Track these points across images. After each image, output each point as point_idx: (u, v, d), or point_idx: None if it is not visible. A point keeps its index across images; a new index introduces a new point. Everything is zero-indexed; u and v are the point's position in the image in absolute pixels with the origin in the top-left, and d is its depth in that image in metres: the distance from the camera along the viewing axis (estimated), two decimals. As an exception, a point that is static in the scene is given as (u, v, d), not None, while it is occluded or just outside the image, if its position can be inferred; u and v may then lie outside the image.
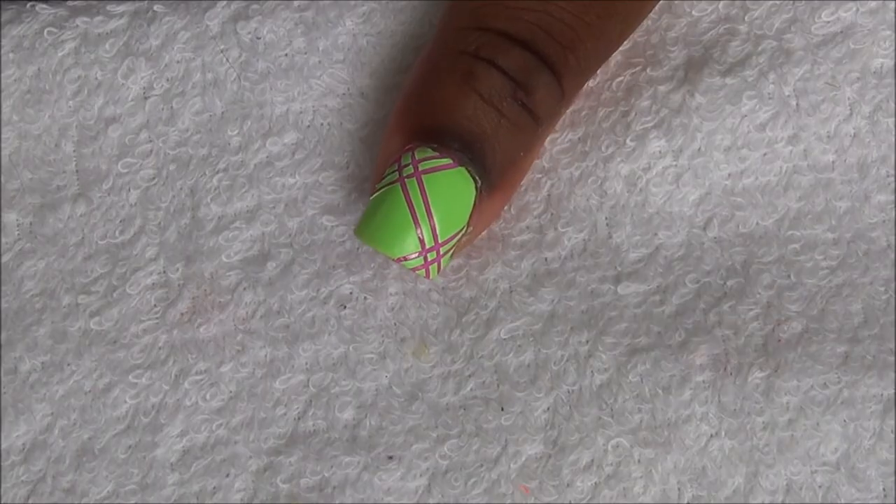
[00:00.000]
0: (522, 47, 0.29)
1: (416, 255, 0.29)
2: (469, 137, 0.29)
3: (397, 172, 0.29)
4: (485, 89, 0.29)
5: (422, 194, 0.29)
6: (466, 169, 0.29)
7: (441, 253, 0.29)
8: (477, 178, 0.29)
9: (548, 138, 0.33)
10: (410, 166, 0.29)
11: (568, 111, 0.33)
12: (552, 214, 0.33)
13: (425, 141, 0.29)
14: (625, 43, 0.34)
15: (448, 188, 0.29)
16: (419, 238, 0.29)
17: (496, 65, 0.29)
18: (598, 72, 0.33)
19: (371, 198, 0.30)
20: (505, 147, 0.30)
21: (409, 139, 0.30)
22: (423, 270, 0.30)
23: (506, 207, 0.33)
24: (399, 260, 0.29)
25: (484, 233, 0.33)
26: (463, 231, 0.30)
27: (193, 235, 0.33)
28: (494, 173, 0.30)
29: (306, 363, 0.32)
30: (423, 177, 0.29)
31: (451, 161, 0.29)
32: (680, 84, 0.33)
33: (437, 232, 0.29)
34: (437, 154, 0.29)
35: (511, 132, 0.30)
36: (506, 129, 0.30)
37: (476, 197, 0.29)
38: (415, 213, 0.29)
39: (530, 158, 0.32)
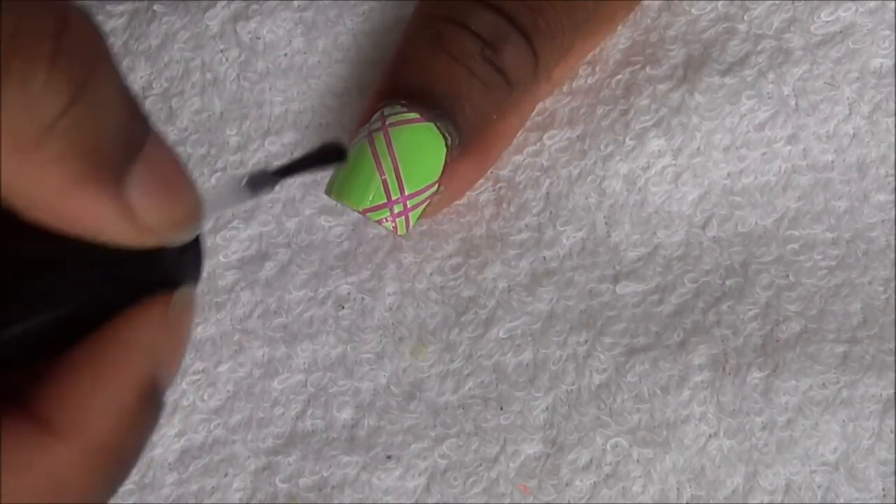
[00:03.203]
0: (491, 11, 0.30)
1: (383, 206, 0.29)
2: (438, 95, 0.30)
3: (367, 129, 0.30)
4: (454, 49, 0.30)
5: (387, 145, 0.29)
6: (436, 125, 0.29)
7: (408, 206, 0.30)
8: (447, 134, 0.30)
9: (546, 135, 0.33)
10: (378, 122, 0.30)
11: (566, 109, 0.33)
12: (551, 213, 0.33)
13: (396, 99, 0.30)
14: (624, 41, 0.34)
15: (415, 141, 0.29)
16: (384, 187, 0.29)
17: (466, 26, 0.30)
18: (597, 69, 0.33)
19: None
20: (477, 106, 0.30)
21: (382, 99, 0.30)
22: (391, 223, 0.30)
23: (504, 206, 0.33)
24: (365, 212, 0.29)
25: (483, 231, 0.33)
26: (434, 189, 0.30)
27: (192, 235, 0.33)
28: (466, 132, 0.30)
29: (304, 363, 0.32)
30: (389, 130, 0.29)
31: (418, 116, 0.29)
32: (679, 83, 0.33)
33: (404, 182, 0.29)
34: (405, 109, 0.29)
35: (482, 92, 0.30)
36: (477, 89, 0.30)
37: (447, 154, 0.30)
38: (380, 162, 0.29)
39: (507, 124, 0.32)
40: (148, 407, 0.21)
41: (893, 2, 0.33)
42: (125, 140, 0.20)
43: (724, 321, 0.32)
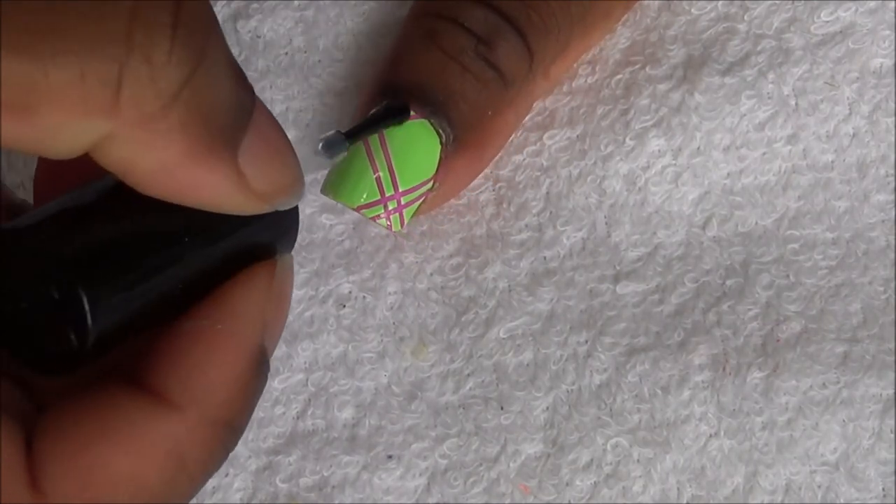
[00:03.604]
0: (484, 6, 0.30)
1: (377, 203, 0.29)
2: (432, 91, 0.30)
3: None
4: (447, 45, 0.30)
5: (381, 142, 0.29)
6: (430, 121, 0.29)
7: (402, 203, 0.30)
8: (441, 131, 0.30)
9: (546, 134, 0.33)
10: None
11: (566, 108, 0.33)
12: (551, 213, 0.33)
13: (391, 97, 0.30)
14: (623, 41, 0.34)
15: (409, 137, 0.29)
16: (378, 184, 0.29)
17: (458, 22, 0.30)
18: (597, 69, 0.34)
19: None
20: (471, 102, 0.30)
21: (377, 98, 0.30)
22: (385, 220, 0.30)
23: (504, 205, 0.33)
24: (360, 209, 0.29)
25: (483, 231, 0.33)
26: (429, 186, 0.30)
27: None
28: (461, 128, 0.30)
29: (305, 362, 0.32)
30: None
31: (412, 113, 0.29)
32: (679, 83, 0.33)
33: (398, 179, 0.29)
34: None
35: (476, 87, 0.30)
36: (471, 85, 0.30)
37: (441, 151, 0.30)
38: (373, 159, 0.29)
39: (504, 120, 0.32)
40: (258, 375, 0.21)
41: (893, 2, 0.33)
42: (238, 108, 0.20)
43: (724, 321, 0.32)
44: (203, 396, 0.20)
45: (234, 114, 0.20)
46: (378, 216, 0.29)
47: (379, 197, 0.29)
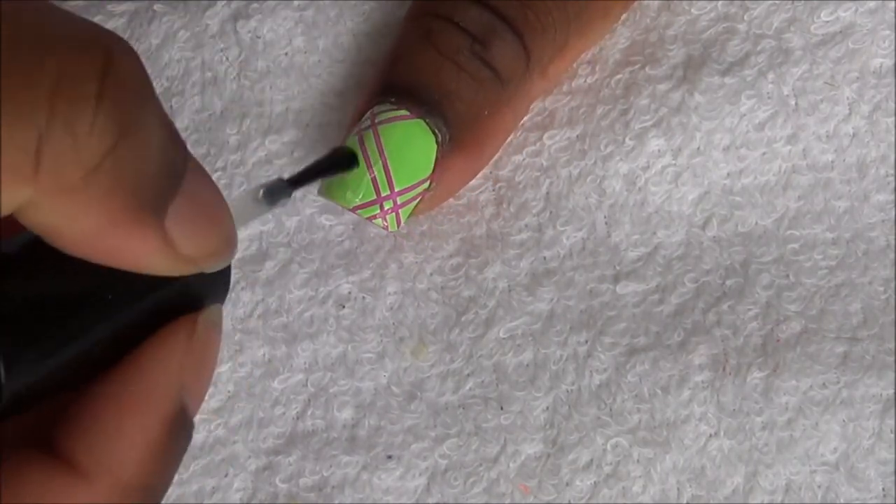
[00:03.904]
0: (480, 6, 0.30)
1: (372, 203, 0.29)
2: (427, 91, 0.30)
3: (358, 127, 0.30)
4: (442, 44, 0.30)
5: (376, 142, 0.29)
6: (425, 121, 0.29)
7: (398, 203, 0.30)
8: (437, 131, 0.30)
9: (546, 135, 0.33)
10: (368, 119, 0.30)
11: (566, 108, 0.33)
12: (551, 213, 0.33)
13: (386, 97, 0.30)
14: (623, 41, 0.34)
15: (404, 137, 0.29)
16: (374, 184, 0.29)
17: (454, 22, 0.30)
18: (597, 69, 0.34)
19: None
20: (467, 101, 0.30)
21: (374, 98, 0.30)
22: (381, 220, 0.30)
23: (504, 205, 0.33)
24: (355, 209, 0.29)
25: (483, 231, 0.33)
26: (426, 186, 0.30)
27: (192, 234, 0.33)
28: (457, 128, 0.30)
29: (305, 363, 0.32)
30: (378, 127, 0.29)
31: (407, 113, 0.29)
32: (679, 83, 0.33)
33: (393, 179, 0.29)
34: (394, 107, 0.30)
35: (472, 87, 0.30)
36: (466, 84, 0.30)
37: (437, 150, 0.30)
38: (368, 159, 0.29)
39: (501, 119, 0.32)
40: (177, 436, 0.21)
41: (893, 2, 0.33)
42: (167, 173, 0.19)
43: (724, 321, 0.32)
44: (114, 464, 0.20)
45: (161, 179, 0.19)
46: (374, 216, 0.29)
47: (374, 197, 0.29)
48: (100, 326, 0.20)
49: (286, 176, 0.27)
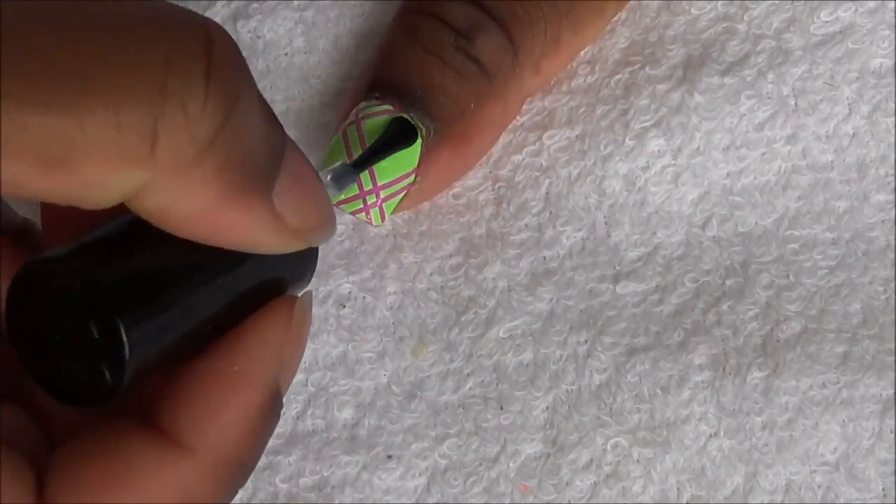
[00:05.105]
0: (465, 1, 0.30)
1: (355, 197, 0.29)
2: (411, 86, 0.30)
3: (344, 124, 0.30)
4: (427, 41, 0.30)
5: (359, 137, 0.29)
6: (408, 115, 0.30)
7: (381, 197, 0.30)
8: (421, 125, 0.30)
9: (545, 135, 0.33)
10: (353, 116, 0.30)
11: (566, 108, 0.33)
12: (551, 213, 0.33)
13: (372, 94, 0.30)
14: (623, 41, 0.34)
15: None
16: (356, 179, 0.29)
17: (438, 17, 0.30)
18: (597, 69, 0.34)
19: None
20: (452, 96, 0.30)
21: (363, 96, 0.31)
22: (364, 214, 0.30)
23: (504, 205, 0.33)
24: (339, 204, 0.29)
25: (483, 231, 0.33)
26: (411, 180, 0.30)
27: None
28: (442, 121, 0.30)
29: (305, 362, 0.32)
30: (362, 122, 0.30)
31: (391, 108, 0.30)
32: (679, 83, 0.33)
33: (375, 174, 0.29)
34: (378, 102, 0.30)
35: (457, 81, 0.30)
36: (451, 78, 0.30)
37: (422, 144, 0.30)
38: (351, 154, 0.29)
39: (489, 113, 0.32)
40: (271, 415, 0.21)
41: (893, 2, 0.33)
42: (271, 150, 0.20)
43: (724, 321, 0.32)
44: (215, 440, 0.20)
45: (267, 156, 0.20)
46: (357, 210, 0.30)
47: (358, 192, 0.29)
48: (206, 304, 0.21)
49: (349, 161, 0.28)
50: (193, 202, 0.19)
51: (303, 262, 0.23)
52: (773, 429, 0.31)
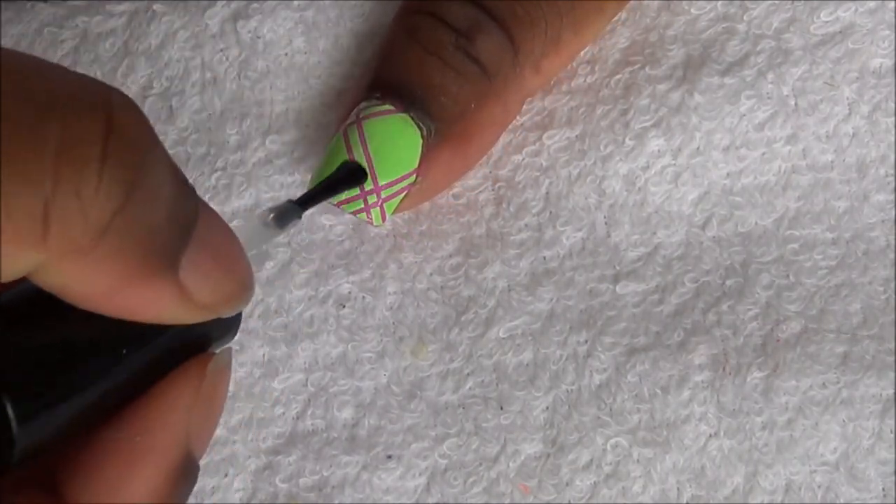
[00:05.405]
0: (465, 1, 0.30)
1: (356, 197, 0.29)
2: (411, 86, 0.30)
3: (344, 124, 0.30)
4: (426, 40, 0.30)
5: (360, 137, 0.29)
6: (410, 115, 0.30)
7: (382, 197, 0.30)
8: (421, 124, 0.30)
9: (545, 134, 0.33)
10: (353, 116, 0.30)
11: (566, 108, 0.33)
12: (551, 213, 0.33)
13: (372, 94, 0.30)
14: (623, 41, 0.34)
15: (387, 131, 0.30)
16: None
17: (437, 17, 0.30)
18: (597, 69, 0.34)
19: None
20: (453, 95, 0.30)
21: (364, 96, 0.31)
22: (365, 214, 0.30)
23: (504, 205, 0.33)
24: (340, 204, 0.30)
25: (483, 231, 0.33)
26: (412, 180, 0.30)
27: (192, 234, 0.33)
28: (442, 121, 0.30)
29: (305, 362, 0.32)
30: (363, 122, 0.30)
31: (391, 107, 0.30)
32: (679, 83, 0.33)
33: (377, 173, 0.29)
34: (379, 102, 0.30)
35: (457, 81, 0.30)
36: (451, 78, 0.30)
37: (423, 144, 0.30)
38: (352, 153, 0.29)
39: (489, 113, 0.32)
40: (182, 481, 0.21)
41: (893, 2, 0.33)
42: (178, 224, 0.19)
43: (724, 321, 0.32)
44: None
45: (172, 231, 0.19)
46: (358, 210, 0.30)
47: (358, 192, 0.29)
48: (109, 374, 0.20)
49: (296, 197, 0.27)
50: (91, 284, 0.18)
51: (226, 318, 0.22)
52: (773, 429, 0.31)
